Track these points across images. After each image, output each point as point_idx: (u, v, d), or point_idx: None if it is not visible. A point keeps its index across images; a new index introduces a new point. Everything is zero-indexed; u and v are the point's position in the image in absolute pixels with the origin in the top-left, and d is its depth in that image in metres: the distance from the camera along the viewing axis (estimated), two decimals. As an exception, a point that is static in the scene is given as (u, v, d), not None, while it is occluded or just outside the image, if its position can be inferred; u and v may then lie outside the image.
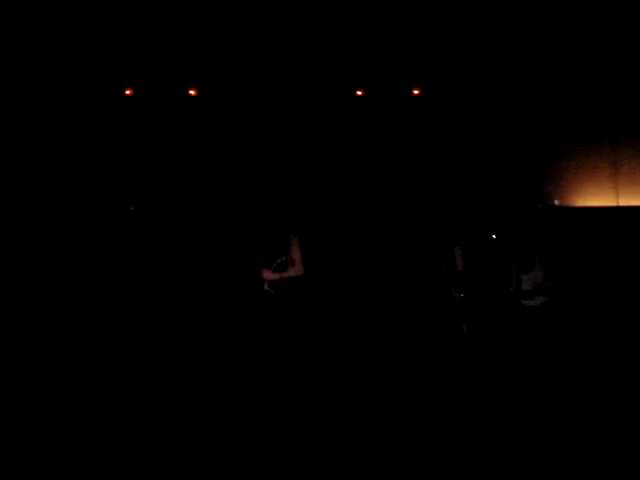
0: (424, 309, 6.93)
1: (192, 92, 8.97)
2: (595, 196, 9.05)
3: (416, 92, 9.15)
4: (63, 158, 8.56)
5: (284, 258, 6.48)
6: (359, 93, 9.13)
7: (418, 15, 8.16)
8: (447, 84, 8.95)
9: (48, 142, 8.55)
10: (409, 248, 8.59)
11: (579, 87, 8.97)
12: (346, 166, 9.25)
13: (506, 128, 8.99)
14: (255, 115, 9.09)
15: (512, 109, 8.99)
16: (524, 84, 8.93)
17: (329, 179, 9.25)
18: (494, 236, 6.82)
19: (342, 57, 8.67)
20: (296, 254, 6.47)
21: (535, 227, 6.32)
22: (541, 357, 6.27)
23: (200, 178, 9.04)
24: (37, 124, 8.51)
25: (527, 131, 9.03)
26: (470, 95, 8.98)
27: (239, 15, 8.13)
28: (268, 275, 6.38)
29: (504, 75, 8.83)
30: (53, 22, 7.96)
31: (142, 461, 4.41)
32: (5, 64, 8.21)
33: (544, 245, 7.77)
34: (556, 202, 6.33)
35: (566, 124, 9.12)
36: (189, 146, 8.99)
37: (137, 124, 8.85)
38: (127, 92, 8.81)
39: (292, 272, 6.39)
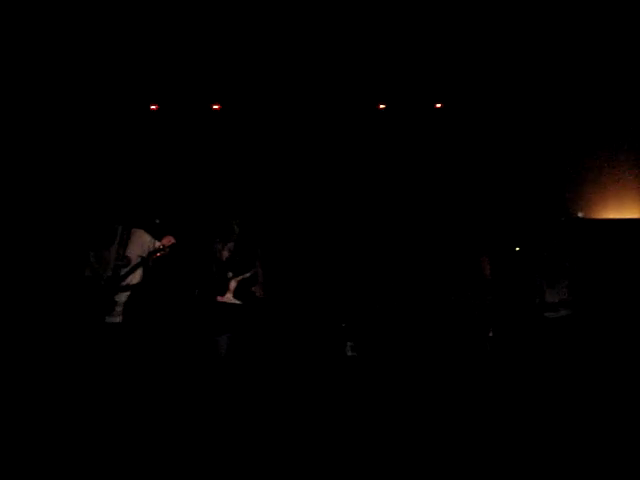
0: (449, 313, 6.93)
1: (216, 107, 9.06)
2: (619, 208, 9.02)
3: (438, 106, 9.18)
4: (89, 172, 8.67)
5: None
6: (381, 107, 9.18)
7: (440, 30, 8.18)
8: (470, 97, 8.96)
9: (75, 156, 8.66)
10: (434, 257, 8.62)
11: (603, 99, 8.95)
12: (371, 179, 9.30)
13: (530, 140, 8.98)
14: (277, 129, 9.16)
15: (536, 121, 8.99)
16: (548, 96, 8.92)
17: (353, 192, 9.30)
18: (517, 248, 6.81)
19: (365, 72, 8.71)
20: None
21: (559, 239, 6.30)
22: (561, 369, 6.25)
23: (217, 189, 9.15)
24: (65, 140, 8.63)
25: (551, 143, 9.02)
26: (493, 108, 8.98)
27: (264, 29, 8.20)
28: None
29: (528, 87, 8.83)
30: (81, 38, 8.06)
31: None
32: (34, 81, 8.33)
33: (568, 258, 7.77)
34: (580, 214, 6.31)
35: (590, 136, 9.10)
36: (213, 159, 9.08)
37: (162, 138, 8.96)
38: (152, 107, 8.93)
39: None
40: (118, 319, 6.28)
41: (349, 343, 7.01)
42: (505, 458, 4.17)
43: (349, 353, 7.09)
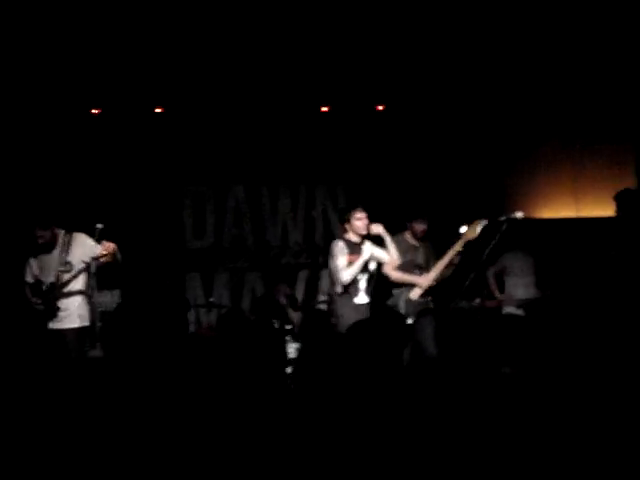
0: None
1: (159, 110, 9.05)
2: (556, 208, 9.23)
3: (380, 108, 9.30)
4: (29, 176, 8.57)
5: None
6: (324, 109, 9.26)
7: (382, 32, 8.27)
8: (410, 100, 9.08)
9: (15, 160, 8.56)
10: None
11: (538, 100, 9.14)
12: (311, 179, 9.39)
13: (467, 141, 9.14)
14: (221, 132, 9.18)
15: (472, 123, 9.14)
16: (484, 98, 9.08)
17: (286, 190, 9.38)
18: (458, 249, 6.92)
19: (308, 75, 8.76)
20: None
21: (498, 239, 6.42)
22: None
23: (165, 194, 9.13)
24: (5, 144, 8.52)
25: (488, 144, 9.19)
26: (432, 110, 9.12)
27: (205, 31, 8.19)
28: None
29: (463, 89, 8.98)
30: (21, 40, 7.96)
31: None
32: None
33: (509, 257, 7.93)
34: (519, 215, 6.42)
35: (526, 137, 9.30)
36: (156, 163, 9.05)
37: (105, 142, 8.90)
38: (94, 111, 8.88)
39: None
40: (60, 325, 6.26)
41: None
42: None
43: None
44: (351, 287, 6.51)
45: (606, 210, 7.31)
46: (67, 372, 5.97)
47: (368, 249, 6.59)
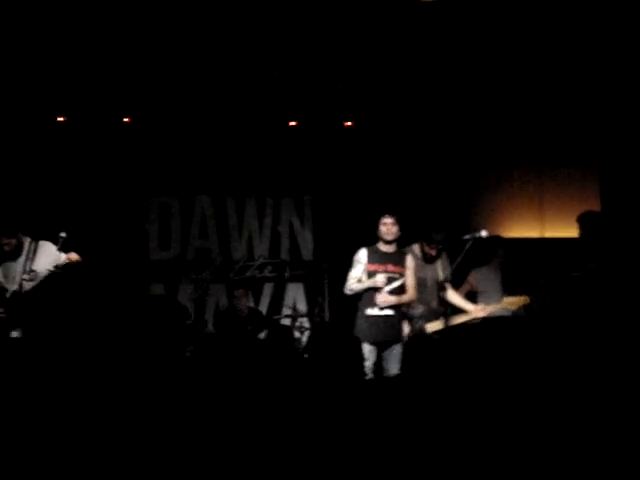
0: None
1: (126, 120, 8.98)
2: (522, 227, 9.31)
3: (348, 123, 9.33)
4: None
5: None
6: (292, 123, 9.27)
7: (352, 49, 8.30)
8: (378, 116, 9.12)
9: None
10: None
11: (504, 119, 9.23)
12: (278, 191, 9.38)
13: (434, 159, 9.19)
14: (189, 143, 9.13)
15: (439, 141, 9.20)
16: (451, 117, 9.15)
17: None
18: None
19: (277, 89, 8.77)
20: None
21: (462, 258, 6.43)
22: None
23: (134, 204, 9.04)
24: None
25: (454, 162, 9.25)
26: (399, 127, 9.16)
27: (173, 43, 8.15)
28: None
29: (431, 108, 9.04)
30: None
31: None
32: None
33: (476, 275, 7.95)
34: (484, 233, 6.43)
35: (494, 157, 9.38)
36: (122, 172, 8.96)
37: (70, 150, 8.80)
38: (60, 119, 8.78)
39: None
40: (22, 334, 6.16)
41: None
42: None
43: None
44: (365, 297, 6.33)
45: (570, 231, 7.38)
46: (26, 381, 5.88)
47: (380, 280, 6.26)
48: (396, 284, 6.32)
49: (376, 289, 6.24)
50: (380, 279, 6.23)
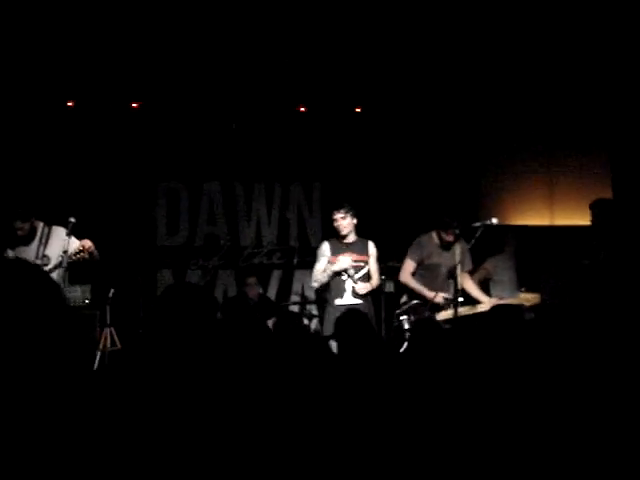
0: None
1: (134, 105, 8.95)
2: (532, 215, 9.27)
3: (358, 109, 9.29)
4: (3, 167, 8.44)
5: None
6: (302, 109, 9.24)
7: (361, 35, 8.26)
8: (387, 102, 9.07)
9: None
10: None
11: (516, 107, 9.18)
12: (287, 177, 9.34)
13: (443, 146, 9.15)
14: (198, 129, 9.10)
15: (449, 128, 9.16)
16: (461, 103, 9.10)
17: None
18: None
19: (286, 75, 8.73)
20: None
21: (473, 245, 6.42)
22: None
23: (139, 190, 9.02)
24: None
25: (464, 150, 9.21)
26: (409, 113, 9.12)
27: (183, 28, 8.12)
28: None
29: (441, 94, 8.99)
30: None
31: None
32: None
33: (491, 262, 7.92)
34: (494, 221, 6.42)
35: (503, 143, 9.33)
36: (131, 158, 8.95)
37: (79, 136, 8.78)
38: (69, 104, 8.75)
39: None
40: None
41: None
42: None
43: None
44: (334, 288, 6.50)
45: (581, 219, 7.34)
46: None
47: (346, 260, 6.52)
48: (362, 272, 6.53)
49: (344, 278, 6.46)
50: (345, 261, 6.46)
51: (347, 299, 6.52)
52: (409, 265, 6.75)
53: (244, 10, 7.94)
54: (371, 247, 6.68)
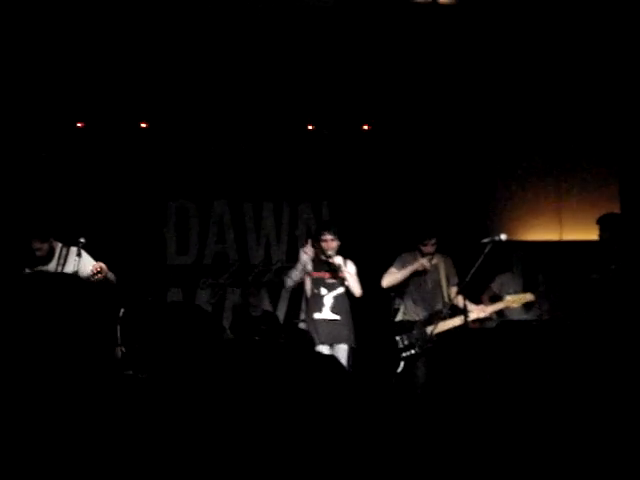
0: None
1: (143, 125, 9.00)
2: (540, 230, 9.25)
3: (365, 127, 9.32)
4: (13, 189, 8.49)
5: None
6: (310, 128, 9.27)
7: (369, 54, 8.32)
8: (395, 120, 9.10)
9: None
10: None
11: (523, 122, 9.19)
12: (295, 196, 9.36)
13: (451, 162, 9.16)
14: (206, 148, 9.14)
15: (456, 144, 9.17)
16: (468, 120, 9.12)
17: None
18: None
19: (295, 93, 8.77)
20: None
21: (482, 261, 6.42)
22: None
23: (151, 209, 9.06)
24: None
25: (472, 165, 9.21)
26: (417, 131, 9.14)
27: (191, 48, 8.19)
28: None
29: (448, 111, 9.01)
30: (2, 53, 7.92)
31: None
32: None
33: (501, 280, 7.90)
34: (503, 237, 6.43)
35: (512, 159, 9.34)
36: (140, 177, 8.99)
37: (88, 156, 8.83)
38: (78, 124, 8.81)
39: None
40: None
41: None
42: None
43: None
44: (314, 302, 6.66)
45: (590, 233, 7.33)
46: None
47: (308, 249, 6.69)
48: (340, 290, 6.69)
49: (323, 293, 6.64)
50: (304, 258, 6.65)
51: (325, 314, 6.65)
52: (391, 271, 6.88)
53: (252, 31, 8.01)
54: (350, 265, 6.82)
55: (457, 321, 6.56)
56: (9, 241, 7.53)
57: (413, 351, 6.61)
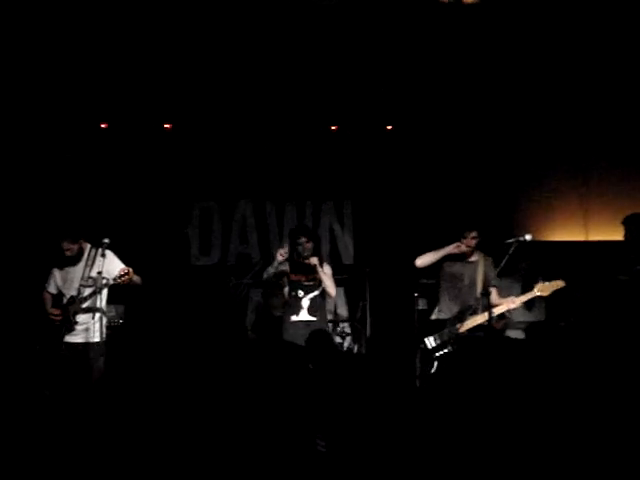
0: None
1: (167, 126, 9.03)
2: (566, 230, 9.18)
3: (389, 127, 9.29)
4: (37, 190, 8.56)
5: None
6: (333, 128, 9.26)
7: (393, 54, 8.30)
8: (419, 121, 9.07)
9: (21, 175, 8.54)
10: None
11: (549, 122, 9.12)
12: (318, 195, 9.35)
13: (476, 163, 9.11)
14: (230, 148, 9.16)
15: (482, 145, 9.12)
16: (494, 119, 9.07)
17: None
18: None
19: (318, 94, 8.77)
20: None
21: (507, 261, 6.37)
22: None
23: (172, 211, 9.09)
24: (10, 158, 8.51)
25: (497, 166, 9.16)
26: (441, 131, 9.10)
27: (215, 49, 8.22)
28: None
29: (473, 111, 8.97)
30: (27, 54, 7.99)
31: None
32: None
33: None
34: (528, 237, 6.37)
35: (537, 159, 9.27)
36: (164, 178, 9.02)
37: (112, 157, 8.88)
38: (102, 125, 8.86)
39: None
40: (75, 339, 6.26)
41: None
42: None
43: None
44: (292, 304, 6.74)
45: (616, 234, 7.26)
46: (82, 384, 5.97)
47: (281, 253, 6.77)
48: (316, 292, 6.74)
49: (300, 295, 6.72)
50: (279, 259, 6.71)
51: (302, 316, 6.71)
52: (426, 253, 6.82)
53: (275, 32, 8.02)
54: (326, 266, 6.86)
55: (486, 316, 6.50)
56: (40, 242, 7.64)
57: (446, 350, 6.55)
